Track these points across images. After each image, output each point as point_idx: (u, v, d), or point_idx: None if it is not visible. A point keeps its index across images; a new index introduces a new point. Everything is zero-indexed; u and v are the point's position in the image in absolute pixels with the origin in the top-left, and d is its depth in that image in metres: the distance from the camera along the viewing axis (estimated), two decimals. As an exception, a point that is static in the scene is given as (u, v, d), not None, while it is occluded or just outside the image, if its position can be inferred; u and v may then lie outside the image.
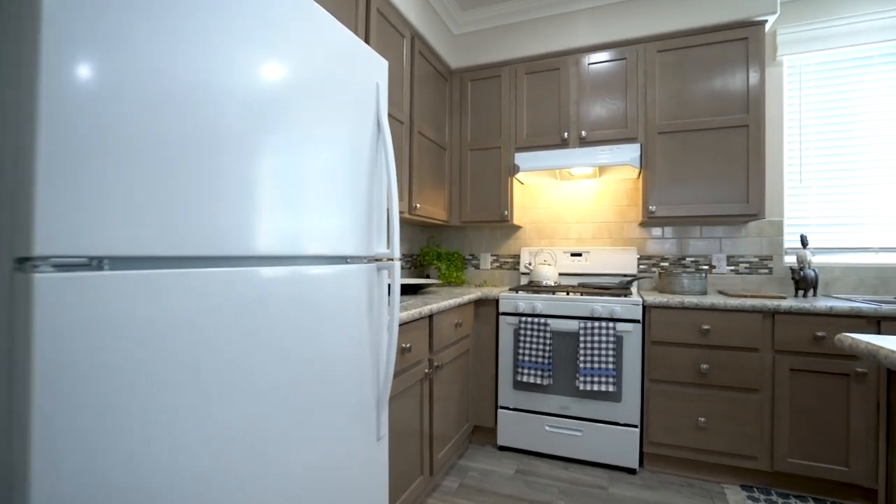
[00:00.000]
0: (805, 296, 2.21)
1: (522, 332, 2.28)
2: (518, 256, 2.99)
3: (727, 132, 2.25)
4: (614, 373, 2.11)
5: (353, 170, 1.18)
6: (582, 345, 2.15)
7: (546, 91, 2.60)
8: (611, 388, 2.10)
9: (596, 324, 2.15)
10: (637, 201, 2.66)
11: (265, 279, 0.90)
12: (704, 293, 2.31)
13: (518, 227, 3.00)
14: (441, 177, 2.72)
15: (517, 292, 2.41)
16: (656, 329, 2.11)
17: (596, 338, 2.14)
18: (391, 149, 1.27)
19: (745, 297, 2.13)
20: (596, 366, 2.13)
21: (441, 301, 1.92)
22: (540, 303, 2.30)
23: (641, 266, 2.70)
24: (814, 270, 2.21)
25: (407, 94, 2.25)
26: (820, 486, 1.94)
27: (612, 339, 2.12)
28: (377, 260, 1.31)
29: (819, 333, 1.88)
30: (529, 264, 2.83)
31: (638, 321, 2.13)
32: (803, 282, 2.21)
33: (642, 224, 2.68)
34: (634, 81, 2.41)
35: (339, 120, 1.13)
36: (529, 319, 2.27)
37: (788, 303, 1.93)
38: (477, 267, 3.10)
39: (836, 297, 2.20)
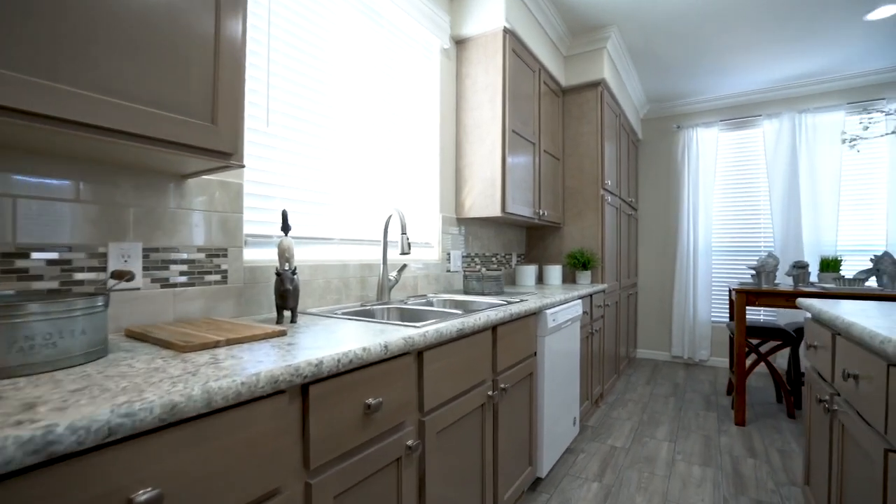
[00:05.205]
0: (294, 320, 1.26)
1: None
2: None
3: (172, -63, 0.89)
4: None
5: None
6: None
7: None
8: None
9: None
10: None
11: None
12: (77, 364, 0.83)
13: None
14: None
15: None
16: None
17: None
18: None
19: (205, 343, 0.88)
20: None
21: None
22: None
23: None
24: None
25: None
26: None
27: None
28: None
29: (370, 401, 0.96)
30: None
31: None
32: (293, 296, 1.24)
33: None
34: None
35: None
36: None
37: (329, 354, 0.88)
38: None
39: (328, 315, 1.39)
